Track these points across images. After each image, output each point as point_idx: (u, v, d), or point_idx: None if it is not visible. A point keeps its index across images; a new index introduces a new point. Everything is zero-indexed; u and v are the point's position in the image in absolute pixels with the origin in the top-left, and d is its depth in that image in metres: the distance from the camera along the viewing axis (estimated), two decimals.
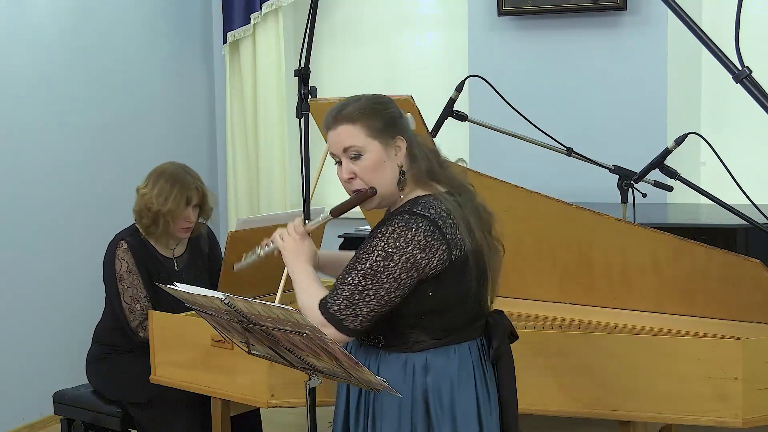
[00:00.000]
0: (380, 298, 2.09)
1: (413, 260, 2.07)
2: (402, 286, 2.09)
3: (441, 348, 2.16)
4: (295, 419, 4.49)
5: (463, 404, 2.16)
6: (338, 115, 2.21)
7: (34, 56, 4.61)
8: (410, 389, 2.16)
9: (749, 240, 3.57)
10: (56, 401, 3.75)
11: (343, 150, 2.19)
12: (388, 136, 2.18)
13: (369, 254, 2.11)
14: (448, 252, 2.09)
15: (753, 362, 2.66)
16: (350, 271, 2.13)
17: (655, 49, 4.70)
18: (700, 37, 1.81)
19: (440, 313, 2.15)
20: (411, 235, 2.08)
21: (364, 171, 2.18)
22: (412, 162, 2.20)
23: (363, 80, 5.48)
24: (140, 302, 3.51)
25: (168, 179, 3.55)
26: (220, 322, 2.39)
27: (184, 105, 5.63)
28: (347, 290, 2.11)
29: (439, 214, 2.11)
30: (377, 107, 2.21)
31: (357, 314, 2.11)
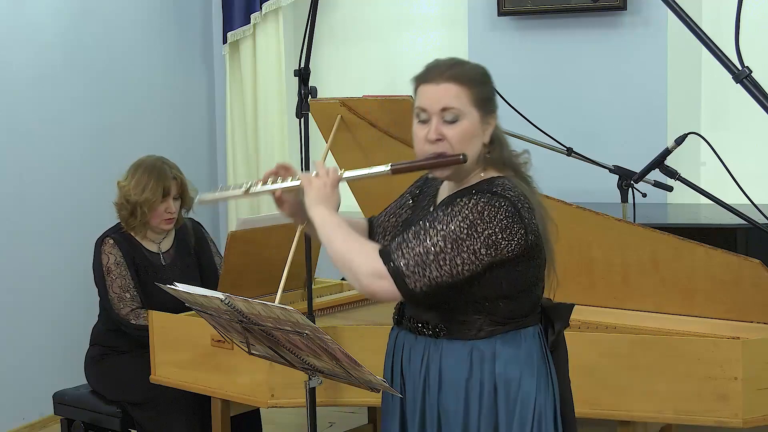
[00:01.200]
0: (454, 267, 1.98)
1: (494, 238, 1.99)
2: (477, 261, 1.98)
3: (509, 334, 2.08)
4: (295, 419, 4.50)
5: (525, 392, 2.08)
6: (447, 72, 2.08)
7: (33, 56, 4.61)
8: (479, 377, 2.07)
9: (749, 240, 3.57)
10: (56, 401, 3.75)
11: (442, 109, 2.05)
12: (487, 111, 2.09)
13: (452, 218, 1.99)
14: (525, 236, 2.02)
15: (753, 362, 2.66)
16: (428, 229, 2.00)
17: (655, 49, 4.70)
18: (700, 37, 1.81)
19: (511, 299, 2.07)
20: (494, 213, 1.99)
21: (456, 136, 2.04)
22: (493, 143, 2.12)
23: (363, 80, 5.48)
24: (129, 291, 3.52)
25: (145, 170, 3.59)
26: (220, 322, 2.39)
27: (184, 105, 5.63)
28: (422, 248, 1.98)
29: (518, 196, 2.04)
30: (485, 78, 2.12)
31: (424, 275, 1.97)
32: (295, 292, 3.47)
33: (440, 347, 2.11)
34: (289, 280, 2.94)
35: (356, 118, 3.17)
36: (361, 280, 2.01)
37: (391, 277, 1.98)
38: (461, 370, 2.09)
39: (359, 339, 2.94)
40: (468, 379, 2.09)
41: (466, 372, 2.09)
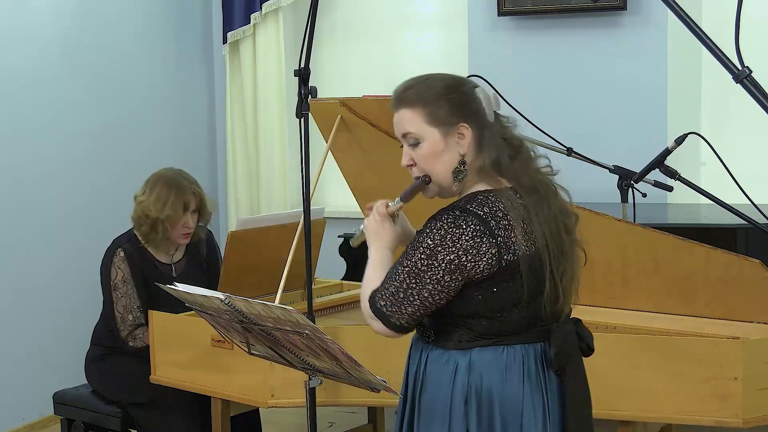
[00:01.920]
0: (424, 299, 1.99)
1: (458, 262, 1.95)
2: (446, 289, 1.98)
3: (488, 348, 2.04)
4: (295, 419, 4.50)
5: (506, 409, 2.03)
6: (399, 98, 2.10)
7: (33, 56, 4.61)
8: (450, 388, 2.05)
9: (749, 240, 3.57)
10: (56, 401, 3.75)
11: (402, 136, 2.09)
12: (450, 124, 2.04)
13: (415, 250, 2.00)
14: (498, 256, 1.96)
15: (753, 362, 2.66)
16: (397, 266, 2.03)
17: (655, 49, 4.70)
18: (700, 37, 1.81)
19: (487, 318, 2.02)
20: (459, 234, 1.96)
21: (420, 159, 2.06)
22: (478, 152, 2.06)
23: (363, 80, 5.47)
24: (132, 312, 3.51)
25: (165, 185, 3.54)
26: (220, 322, 2.39)
27: (184, 105, 5.63)
28: (393, 287, 2.02)
29: (494, 213, 1.99)
30: (442, 91, 2.06)
31: (402, 312, 2.02)
32: (295, 292, 3.47)
33: (429, 352, 2.12)
34: (289, 280, 2.94)
35: (356, 118, 3.17)
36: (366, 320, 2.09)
37: (378, 319, 2.05)
38: (443, 378, 2.07)
39: (359, 339, 2.93)
40: (444, 388, 2.07)
41: (443, 381, 2.07)
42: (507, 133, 2.12)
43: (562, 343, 2.06)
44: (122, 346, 3.53)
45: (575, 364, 2.10)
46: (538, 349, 2.07)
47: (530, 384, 2.05)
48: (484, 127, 2.07)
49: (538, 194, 2.06)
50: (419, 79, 2.11)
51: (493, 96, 2.12)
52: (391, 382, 2.19)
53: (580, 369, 2.12)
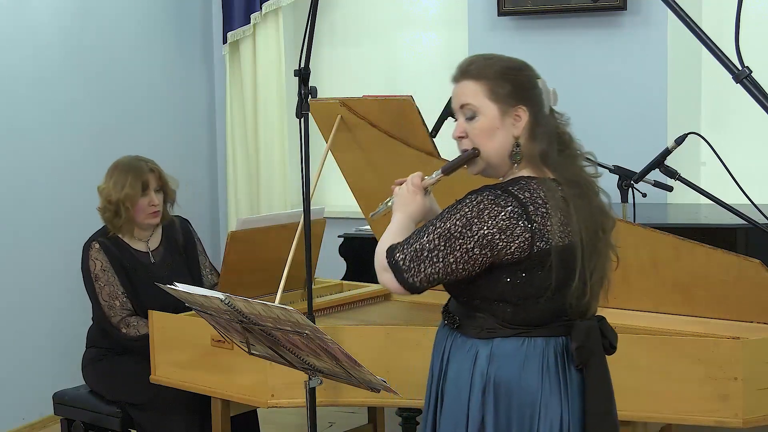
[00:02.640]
0: (448, 265, 2.00)
1: (490, 238, 1.97)
2: (471, 261, 1.99)
3: (510, 338, 2.05)
4: (295, 419, 4.50)
5: (523, 401, 2.04)
6: (465, 69, 2.11)
7: (33, 56, 4.61)
8: (470, 376, 2.07)
9: (749, 240, 3.57)
10: (56, 401, 3.75)
11: (460, 106, 2.11)
12: (509, 104, 2.06)
13: (452, 215, 2.01)
14: (530, 241, 1.98)
15: (753, 362, 2.66)
16: (428, 226, 2.04)
17: (655, 49, 4.70)
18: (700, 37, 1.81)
19: (511, 304, 2.04)
20: (496, 212, 1.97)
21: (474, 132, 2.08)
22: (530, 139, 2.07)
23: (363, 80, 5.48)
24: (118, 299, 3.52)
25: (122, 169, 3.60)
26: (220, 322, 2.39)
27: (184, 105, 5.63)
28: (418, 244, 2.02)
29: (534, 199, 2.00)
30: (507, 70, 2.10)
31: (419, 271, 2.02)
32: (295, 292, 3.47)
33: (453, 340, 2.14)
34: (289, 280, 2.94)
35: (356, 118, 3.17)
36: (377, 273, 2.09)
37: (391, 271, 2.04)
38: (464, 366, 2.09)
39: (359, 339, 2.94)
40: (464, 377, 2.08)
41: (463, 370, 2.09)
42: (560, 128, 2.14)
43: (585, 338, 2.07)
44: (116, 336, 3.51)
45: (597, 360, 2.10)
46: (560, 343, 2.08)
47: (549, 377, 2.06)
48: (540, 116, 2.09)
49: (580, 189, 2.08)
50: (485, 56, 2.15)
51: (552, 91, 2.15)
52: (391, 382, 2.19)
53: (601, 366, 2.12)
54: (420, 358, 2.91)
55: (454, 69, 2.14)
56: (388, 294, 3.67)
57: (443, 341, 2.17)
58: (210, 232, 5.73)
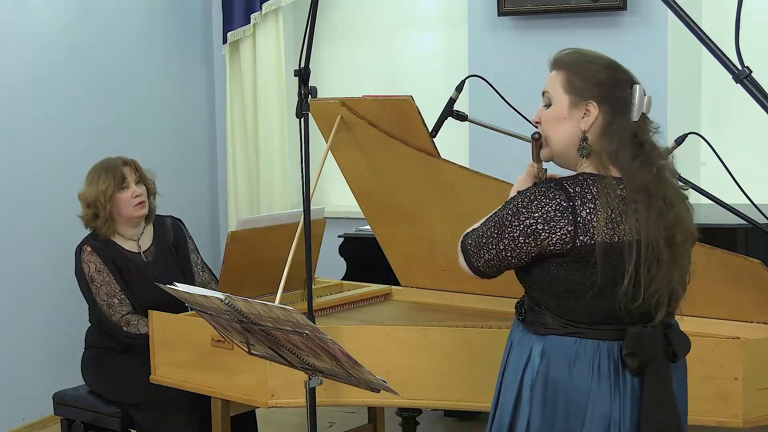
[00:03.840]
0: (499, 252, 2.10)
1: (534, 227, 2.04)
2: (518, 249, 2.07)
3: (562, 337, 2.08)
4: (295, 419, 4.50)
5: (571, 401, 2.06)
6: (555, 58, 2.18)
7: (33, 56, 4.61)
8: (521, 371, 2.12)
9: (749, 240, 3.57)
10: (56, 402, 3.75)
11: (543, 93, 2.19)
12: (581, 97, 2.10)
13: (506, 206, 2.12)
14: (572, 234, 2.01)
15: (753, 362, 2.66)
16: (492, 215, 2.15)
17: (655, 49, 4.70)
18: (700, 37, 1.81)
19: (557, 297, 2.07)
20: (543, 204, 2.04)
21: (544, 119, 2.17)
22: (602, 137, 2.08)
23: (363, 80, 5.48)
24: (116, 296, 3.51)
25: (95, 170, 3.63)
26: (220, 322, 2.39)
27: (184, 105, 5.63)
28: (481, 230, 2.16)
29: (583, 194, 2.04)
30: (591, 65, 2.12)
31: (480, 255, 2.14)
32: (295, 292, 3.47)
33: (517, 333, 2.20)
34: (289, 280, 2.94)
35: (356, 118, 3.16)
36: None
37: (462, 254, 2.19)
38: (520, 360, 2.14)
39: (359, 339, 2.94)
40: (521, 370, 2.13)
41: (522, 363, 2.13)
42: (644, 135, 2.11)
43: (636, 345, 2.06)
44: (117, 333, 3.51)
45: (656, 367, 2.08)
46: (614, 348, 2.08)
47: (599, 380, 2.06)
48: (619, 117, 2.09)
49: (649, 197, 2.06)
50: (582, 50, 2.18)
51: (647, 99, 2.11)
52: (391, 382, 2.19)
53: (661, 373, 2.09)
54: (420, 358, 2.91)
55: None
56: (388, 294, 3.68)
57: (512, 333, 2.24)
58: (210, 232, 5.73)
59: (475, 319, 3.21)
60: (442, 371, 2.91)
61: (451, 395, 2.93)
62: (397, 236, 3.49)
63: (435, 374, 2.91)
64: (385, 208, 3.43)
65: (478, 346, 2.89)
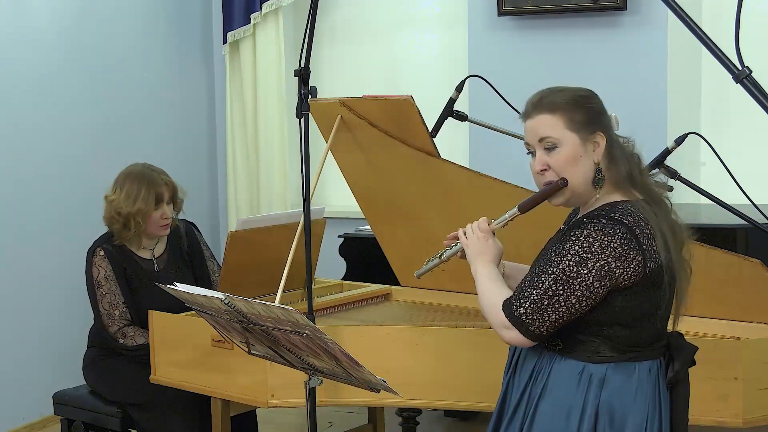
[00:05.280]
0: (571, 306, 2.00)
1: (608, 268, 1.98)
2: (594, 295, 2.00)
3: (622, 363, 2.05)
4: (295, 419, 4.50)
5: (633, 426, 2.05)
6: (539, 103, 2.14)
7: (33, 56, 4.61)
8: (582, 400, 2.05)
9: (749, 240, 3.57)
10: (56, 401, 3.75)
11: (539, 140, 2.12)
12: (588, 131, 2.10)
13: (562, 257, 2.01)
14: (643, 263, 1.99)
15: (753, 362, 2.66)
16: (540, 274, 2.03)
17: (655, 49, 4.70)
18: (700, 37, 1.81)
19: (627, 327, 2.04)
20: (607, 242, 1.98)
21: (558, 163, 2.09)
22: (611, 163, 2.11)
23: (363, 80, 5.47)
24: (118, 308, 3.51)
25: (135, 180, 3.54)
26: (220, 322, 2.39)
27: (184, 105, 5.63)
28: (536, 294, 2.02)
29: (637, 222, 2.02)
30: (580, 99, 2.14)
31: (544, 320, 2.02)
32: (295, 292, 3.47)
33: (554, 361, 2.11)
34: (289, 280, 2.94)
35: (356, 119, 3.17)
36: (497, 332, 2.09)
37: (515, 328, 2.05)
38: (568, 389, 2.07)
39: (359, 339, 2.94)
40: (573, 399, 2.06)
41: (572, 392, 2.07)
42: (628, 149, 2.16)
43: (684, 358, 2.10)
44: (113, 345, 3.52)
45: (685, 378, 2.14)
46: (656, 365, 2.10)
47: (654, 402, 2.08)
48: (613, 139, 2.14)
49: (664, 208, 2.11)
50: (553, 89, 2.18)
51: (614, 117, 2.19)
52: (391, 382, 2.19)
53: (687, 381, 2.14)
54: (420, 358, 2.91)
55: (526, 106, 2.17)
56: (388, 294, 3.68)
57: (534, 360, 2.14)
58: (210, 232, 5.72)
59: (475, 319, 3.21)
60: (442, 371, 2.91)
61: (451, 395, 2.93)
62: (397, 236, 3.49)
63: (435, 374, 2.91)
64: (385, 208, 3.43)
65: (478, 346, 2.89)
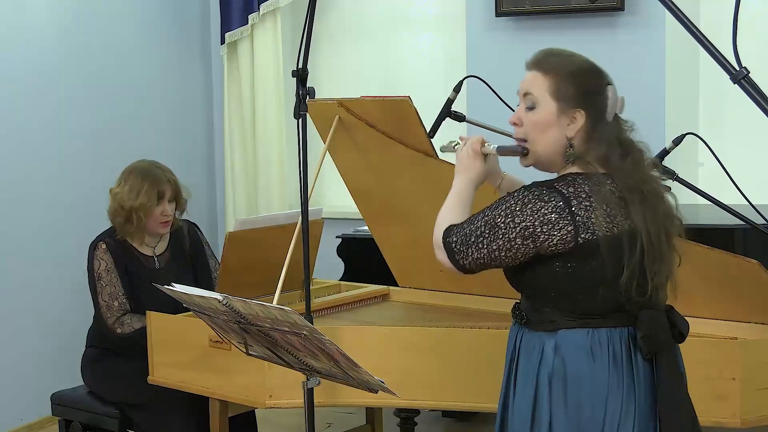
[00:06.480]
0: (491, 251, 2.08)
1: (532, 230, 2.03)
2: (513, 249, 2.06)
3: (575, 330, 2.08)
4: (294, 420, 4.49)
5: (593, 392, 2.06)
6: (539, 60, 2.18)
7: (31, 56, 4.61)
8: (536, 370, 2.10)
9: (747, 240, 3.57)
10: (54, 402, 3.75)
11: (524, 94, 2.17)
12: (570, 105, 2.11)
13: (499, 205, 2.09)
14: (574, 233, 2.02)
15: (751, 363, 2.66)
16: (479, 213, 2.13)
17: (653, 50, 4.70)
18: (697, 38, 1.81)
19: (569, 296, 2.08)
20: (539, 206, 2.04)
21: (528, 123, 2.14)
22: (589, 141, 2.12)
23: (361, 80, 5.48)
24: (118, 299, 3.52)
25: (138, 175, 3.58)
26: (218, 323, 2.39)
27: (182, 106, 5.63)
28: (468, 229, 2.12)
29: (578, 194, 2.05)
30: (577, 72, 2.15)
31: (468, 254, 2.11)
32: (293, 293, 3.47)
33: (521, 336, 2.18)
34: (287, 280, 2.94)
35: (354, 119, 3.17)
36: (434, 246, 2.17)
37: (445, 251, 2.14)
38: (532, 360, 2.12)
39: (357, 340, 2.94)
40: (536, 369, 2.11)
41: (535, 362, 2.11)
42: (622, 134, 2.18)
43: (649, 328, 2.09)
44: (110, 336, 3.52)
45: (667, 350, 2.13)
46: (625, 334, 2.10)
47: (617, 368, 2.08)
48: (600, 121, 2.13)
49: (641, 195, 2.10)
50: (565, 52, 2.21)
51: (621, 99, 2.18)
52: (389, 383, 2.19)
53: (672, 355, 2.14)
54: (418, 359, 2.91)
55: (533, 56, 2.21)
56: (386, 295, 3.68)
57: (513, 339, 2.21)
58: (208, 233, 5.70)
59: (473, 320, 3.21)
60: (440, 372, 2.91)
61: (449, 396, 2.93)
62: (395, 237, 3.49)
63: (433, 375, 2.91)
64: (383, 208, 3.43)
65: (476, 346, 2.89)
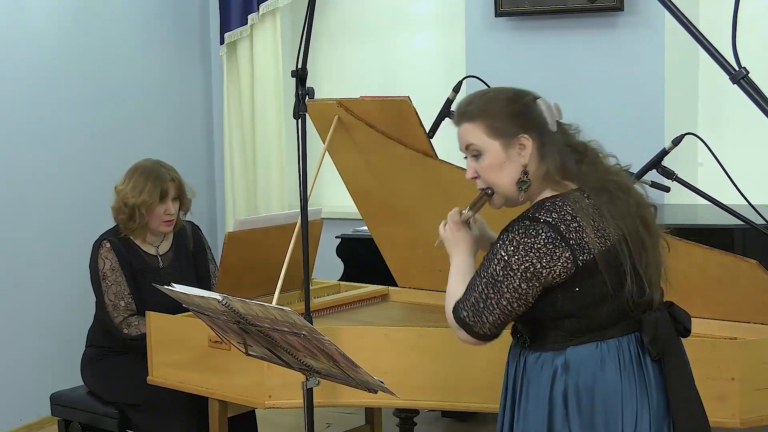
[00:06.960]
0: (503, 308, 2.05)
1: (533, 270, 2.00)
2: (524, 296, 2.03)
3: (582, 345, 2.07)
4: (293, 420, 4.50)
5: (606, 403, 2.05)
6: (461, 112, 2.17)
7: (31, 57, 4.61)
8: (548, 390, 2.08)
9: (746, 240, 3.57)
10: (53, 402, 3.75)
11: (466, 147, 2.16)
12: (510, 136, 2.09)
13: (490, 262, 2.06)
14: (572, 258, 2.00)
15: (750, 363, 2.66)
16: (476, 277, 2.10)
17: (652, 50, 4.70)
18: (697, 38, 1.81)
19: (575, 317, 2.06)
20: (531, 243, 2.00)
21: (483, 171, 2.13)
22: (542, 160, 2.10)
23: (361, 81, 5.47)
24: (124, 299, 3.52)
25: (143, 173, 3.59)
26: (218, 323, 2.39)
27: (182, 106, 5.63)
28: (473, 297, 2.08)
29: (563, 217, 2.03)
30: (501, 104, 2.12)
31: (484, 321, 2.07)
32: (293, 293, 3.47)
33: (526, 357, 2.15)
34: (287, 281, 2.94)
35: (354, 119, 3.17)
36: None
37: (463, 329, 2.11)
38: (542, 381, 2.10)
39: (357, 340, 2.94)
40: (548, 389, 2.09)
41: (546, 383, 2.09)
42: (570, 139, 2.17)
43: (655, 330, 2.09)
44: (117, 335, 3.52)
45: (673, 347, 2.13)
46: (632, 340, 2.10)
47: (627, 375, 2.07)
48: (546, 136, 2.11)
49: (609, 193, 2.10)
50: (480, 93, 2.18)
51: (554, 106, 2.16)
52: (388, 383, 2.19)
53: (679, 351, 2.14)
54: (417, 359, 2.91)
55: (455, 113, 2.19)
56: (385, 295, 3.68)
57: (515, 360, 2.19)
58: (208, 233, 5.68)
59: None
60: (439, 372, 2.91)
61: (448, 396, 2.93)
62: (394, 237, 3.49)
63: (432, 375, 2.91)
64: (383, 208, 3.43)
65: (475, 347, 2.88)
